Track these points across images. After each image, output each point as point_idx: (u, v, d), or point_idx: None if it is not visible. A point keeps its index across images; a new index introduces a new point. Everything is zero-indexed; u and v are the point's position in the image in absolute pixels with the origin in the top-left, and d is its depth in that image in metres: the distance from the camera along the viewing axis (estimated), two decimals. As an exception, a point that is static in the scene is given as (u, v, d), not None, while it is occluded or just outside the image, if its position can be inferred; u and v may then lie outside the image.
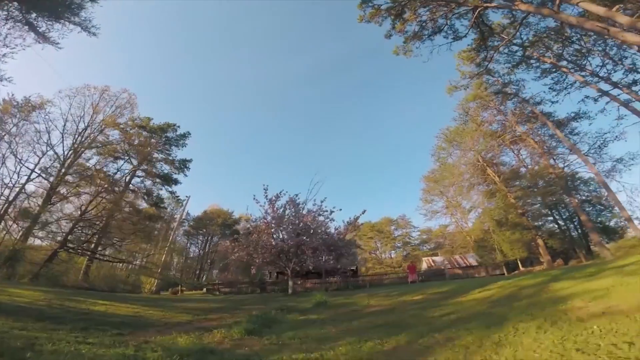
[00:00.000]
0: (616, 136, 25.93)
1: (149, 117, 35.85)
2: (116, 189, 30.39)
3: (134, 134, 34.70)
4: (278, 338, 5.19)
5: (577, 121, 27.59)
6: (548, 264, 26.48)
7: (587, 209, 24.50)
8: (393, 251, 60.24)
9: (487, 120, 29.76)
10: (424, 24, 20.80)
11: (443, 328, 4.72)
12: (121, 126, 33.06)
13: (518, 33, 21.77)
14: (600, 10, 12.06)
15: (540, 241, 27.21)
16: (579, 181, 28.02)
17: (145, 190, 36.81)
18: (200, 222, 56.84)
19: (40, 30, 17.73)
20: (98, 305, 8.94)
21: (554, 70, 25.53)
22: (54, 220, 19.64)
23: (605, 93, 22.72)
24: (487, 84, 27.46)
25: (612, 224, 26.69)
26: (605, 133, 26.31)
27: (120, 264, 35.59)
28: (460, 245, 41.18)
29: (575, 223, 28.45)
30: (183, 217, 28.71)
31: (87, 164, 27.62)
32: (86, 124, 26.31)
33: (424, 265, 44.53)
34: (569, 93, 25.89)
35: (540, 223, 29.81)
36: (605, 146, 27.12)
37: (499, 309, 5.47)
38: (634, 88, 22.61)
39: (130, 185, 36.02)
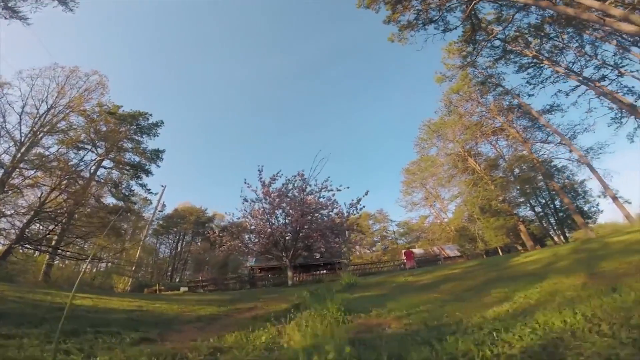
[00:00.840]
0: (586, 127, 27.44)
1: (118, 105, 32.54)
2: (80, 180, 26.99)
3: (101, 120, 31.29)
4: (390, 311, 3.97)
5: (551, 113, 28.86)
6: (531, 249, 27.31)
7: (568, 194, 25.47)
8: (373, 247, 60.14)
9: (469, 111, 30.23)
10: (419, 13, 20.95)
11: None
12: (87, 112, 29.56)
13: (502, 28, 22.53)
14: (594, 3, 12.77)
15: (522, 227, 28.02)
16: (554, 169, 29.22)
17: (112, 182, 33.48)
18: (170, 220, 52.88)
19: (8, 4, 14.75)
20: (80, 299, 6.98)
21: (531, 65, 26.48)
22: (9, 214, 16.42)
23: (584, 83, 23.66)
24: (472, 75, 27.96)
25: (586, 208, 28.08)
26: (576, 125, 27.80)
27: (87, 265, 31.82)
28: (438, 237, 41.86)
29: (552, 209, 29.64)
30: (159, 209, 25.91)
31: (47, 152, 23.98)
32: (49, 106, 22.80)
33: (403, 257, 44.79)
34: (544, 87, 27.03)
35: (520, 210, 30.81)
36: (575, 137, 28.69)
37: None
38: (602, 82, 23.89)
39: (96, 176, 32.57)
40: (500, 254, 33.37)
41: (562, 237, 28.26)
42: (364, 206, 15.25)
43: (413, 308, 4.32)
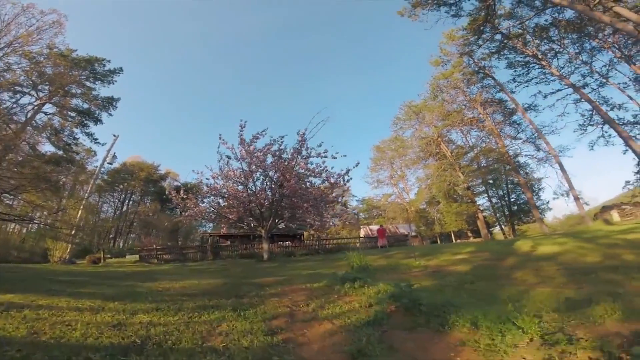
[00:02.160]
0: (552, 130, 28.80)
1: (72, 49, 27.73)
2: (11, 125, 21.64)
3: (48, 63, 26.09)
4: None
5: (527, 112, 29.69)
6: (485, 237, 28.69)
7: (527, 190, 26.69)
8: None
9: (452, 98, 29.83)
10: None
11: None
12: (33, 54, 25.55)
13: (512, 24, 22.52)
14: (633, 16, 13.11)
15: (480, 215, 29.15)
16: (517, 164, 30.54)
17: (53, 129, 27.98)
18: (117, 175, 46.49)
19: None
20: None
21: (521, 63, 27.04)
22: None
23: (572, 87, 24.07)
24: (466, 64, 27.44)
25: (538, 204, 30.01)
26: (545, 126, 29.07)
27: (14, 226, 26.59)
28: (394, 216, 42.71)
29: (507, 202, 31.24)
30: (108, 161, 21.54)
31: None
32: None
33: (362, 233, 45.26)
34: (527, 86, 27.88)
35: (478, 199, 32.02)
36: (538, 138, 30.01)
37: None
38: (584, 90, 24.72)
39: (33, 122, 27.00)
40: (454, 238, 35.03)
41: (510, 229, 30.03)
42: (351, 178, 13.55)
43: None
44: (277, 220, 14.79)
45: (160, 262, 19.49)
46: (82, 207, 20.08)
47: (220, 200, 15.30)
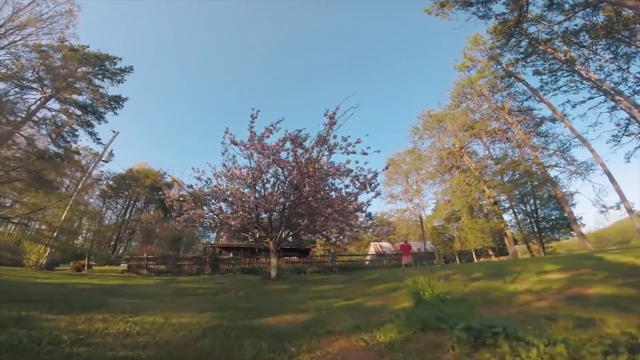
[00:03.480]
0: (579, 143, 25.86)
1: (84, 45, 26.51)
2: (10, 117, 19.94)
3: (56, 55, 24.87)
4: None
5: (554, 122, 26.97)
6: (513, 254, 25.25)
7: (565, 203, 23.36)
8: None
9: (477, 106, 27.27)
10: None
11: None
12: (43, 47, 23.98)
13: (546, 25, 20.80)
14: None
15: (508, 232, 25.83)
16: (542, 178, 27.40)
17: (53, 125, 26.18)
18: (122, 181, 44.34)
19: None
20: None
21: (549, 70, 24.30)
22: None
23: (616, 94, 21.43)
24: (494, 70, 25.09)
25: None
26: (574, 138, 26.11)
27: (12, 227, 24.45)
28: (407, 233, 39.28)
29: (534, 217, 27.87)
30: (104, 158, 19.08)
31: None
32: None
33: (372, 250, 41.73)
34: (555, 94, 25.45)
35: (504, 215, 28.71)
36: (568, 150, 27.06)
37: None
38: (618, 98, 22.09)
39: (35, 117, 25.36)
40: (475, 257, 31.46)
41: (540, 246, 26.56)
42: (379, 183, 10.66)
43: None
44: (288, 232, 11.89)
45: (150, 273, 16.61)
46: (68, 206, 17.36)
47: (223, 205, 12.52)
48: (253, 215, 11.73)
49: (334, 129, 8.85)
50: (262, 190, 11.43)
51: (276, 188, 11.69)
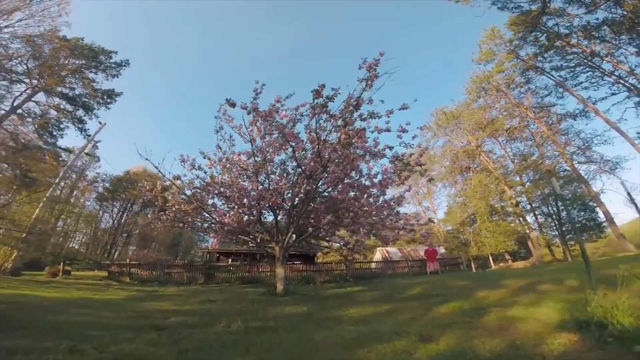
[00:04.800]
0: (604, 140, 23.46)
1: (79, 37, 23.78)
2: None
3: (46, 44, 22.34)
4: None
5: (575, 119, 24.57)
6: (538, 258, 22.45)
7: (600, 202, 20.59)
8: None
9: (494, 102, 24.80)
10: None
11: None
12: (33, 36, 21.65)
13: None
14: None
15: (532, 235, 23.06)
16: (567, 178, 24.76)
17: (40, 119, 23.73)
18: (119, 184, 41.57)
19: None
20: None
21: (568, 66, 22.36)
22: None
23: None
24: (515, 63, 23.05)
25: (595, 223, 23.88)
26: (597, 135, 23.74)
27: None
28: (414, 238, 36.16)
29: (556, 219, 25.03)
30: (87, 150, 16.36)
31: None
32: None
33: (378, 256, 38.75)
34: (577, 90, 22.83)
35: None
36: (589, 148, 24.59)
37: None
38: None
39: (20, 110, 23.02)
40: (492, 263, 28.61)
41: (566, 248, 23.75)
42: (424, 165, 7.90)
43: None
44: (301, 234, 9.16)
45: (133, 281, 13.83)
46: (41, 204, 14.62)
47: (217, 201, 9.80)
48: (254, 213, 9.04)
49: (372, 85, 5.89)
50: (267, 182, 8.75)
51: (284, 179, 9.03)
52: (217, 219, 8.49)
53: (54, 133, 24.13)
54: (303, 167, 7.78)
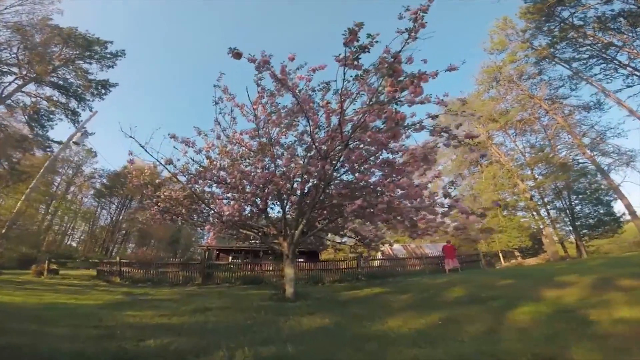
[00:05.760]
0: (619, 133, 22.25)
1: (73, 27, 21.92)
2: None
3: (36, 32, 20.74)
4: None
5: (589, 112, 23.30)
6: (553, 254, 21.08)
7: (622, 196, 19.17)
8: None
9: (506, 93, 23.44)
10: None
11: None
12: (24, 25, 20.12)
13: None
14: None
15: (547, 230, 21.66)
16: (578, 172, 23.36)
17: (30, 110, 22.32)
18: (116, 180, 39.93)
19: None
20: None
21: (578, 58, 21.26)
22: None
23: None
24: (528, 52, 21.99)
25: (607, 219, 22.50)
26: (610, 128, 22.48)
27: None
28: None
29: (569, 215, 23.59)
30: (75, 140, 14.81)
31: None
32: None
33: (380, 254, 37.37)
34: (590, 82, 21.98)
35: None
36: (604, 140, 23.33)
37: None
38: None
39: (9, 100, 21.63)
40: (502, 259, 27.24)
41: (581, 244, 22.39)
42: (477, 136, 6.41)
43: None
44: (309, 228, 7.68)
45: (124, 281, 12.36)
46: (23, 197, 13.09)
47: (216, 189, 8.33)
48: (258, 202, 7.58)
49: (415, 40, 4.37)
50: (273, 167, 7.26)
51: (293, 161, 7.54)
52: (216, 210, 6.99)
53: (45, 124, 22.65)
54: (317, 145, 6.30)
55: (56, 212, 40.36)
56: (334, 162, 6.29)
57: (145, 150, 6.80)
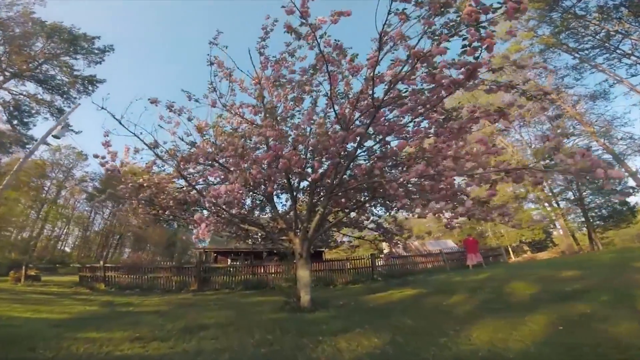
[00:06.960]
0: (625, 122, 21.57)
1: (59, 22, 20.29)
2: None
3: (16, 25, 19.18)
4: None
5: (595, 101, 22.52)
6: (568, 248, 19.86)
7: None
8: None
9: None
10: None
11: None
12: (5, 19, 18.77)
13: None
14: None
15: (562, 221, 20.43)
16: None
17: (11, 105, 20.78)
18: (108, 183, 37.95)
19: None
20: None
21: (580, 49, 20.39)
22: None
23: None
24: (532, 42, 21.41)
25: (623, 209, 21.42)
26: (617, 117, 21.89)
27: None
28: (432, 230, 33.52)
29: (581, 205, 22.39)
30: (55, 133, 13.05)
31: None
32: None
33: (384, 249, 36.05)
34: (593, 72, 21.30)
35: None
36: (613, 129, 22.48)
37: None
38: None
39: None
40: (512, 254, 25.99)
41: (596, 238, 21.26)
42: (550, 94, 4.99)
43: None
44: (321, 221, 6.13)
45: (109, 287, 10.71)
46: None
47: (211, 178, 6.79)
48: (262, 188, 6.08)
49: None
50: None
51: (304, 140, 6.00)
52: (212, 194, 5.41)
53: (27, 122, 20.92)
54: (337, 112, 4.83)
55: (46, 217, 38.39)
56: (357, 130, 4.80)
57: (121, 124, 5.25)
